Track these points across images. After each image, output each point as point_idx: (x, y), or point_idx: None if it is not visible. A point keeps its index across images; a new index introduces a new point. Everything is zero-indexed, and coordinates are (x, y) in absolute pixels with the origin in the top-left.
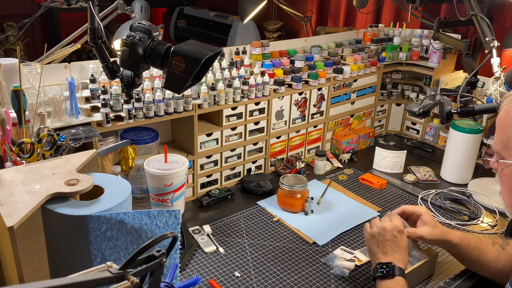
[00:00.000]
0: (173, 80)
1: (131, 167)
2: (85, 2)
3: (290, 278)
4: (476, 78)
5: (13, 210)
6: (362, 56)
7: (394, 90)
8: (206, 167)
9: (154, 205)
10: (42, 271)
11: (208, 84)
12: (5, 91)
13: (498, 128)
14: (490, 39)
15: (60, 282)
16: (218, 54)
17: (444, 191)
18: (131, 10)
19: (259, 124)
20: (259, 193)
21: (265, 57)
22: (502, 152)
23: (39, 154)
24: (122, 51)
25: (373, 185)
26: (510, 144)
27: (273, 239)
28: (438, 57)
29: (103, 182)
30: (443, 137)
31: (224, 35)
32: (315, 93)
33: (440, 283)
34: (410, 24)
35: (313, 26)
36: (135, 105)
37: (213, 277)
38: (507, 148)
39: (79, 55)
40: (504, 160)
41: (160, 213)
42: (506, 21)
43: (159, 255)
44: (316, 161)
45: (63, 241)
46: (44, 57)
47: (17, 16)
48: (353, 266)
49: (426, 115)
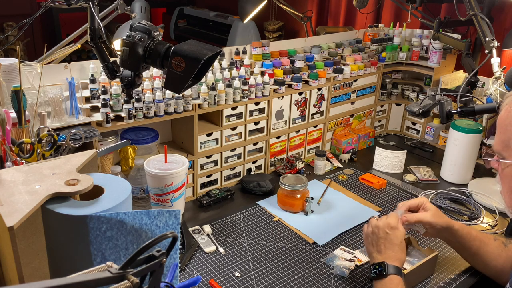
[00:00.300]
0: (173, 80)
1: (131, 167)
2: (85, 2)
3: (290, 278)
4: (476, 78)
5: (13, 210)
6: (362, 56)
7: (394, 90)
8: (206, 167)
9: (154, 205)
10: (42, 271)
11: (208, 84)
12: (5, 91)
13: (499, 127)
14: (490, 39)
15: (60, 282)
16: (218, 54)
17: (444, 191)
18: (131, 10)
19: (259, 124)
20: (259, 193)
21: (265, 57)
22: (502, 152)
23: (39, 154)
24: (122, 51)
25: (373, 185)
26: (511, 144)
27: (273, 239)
28: (438, 57)
29: (103, 182)
30: (443, 137)
31: (224, 35)
32: (315, 93)
33: (440, 283)
34: (410, 24)
35: (313, 26)
36: (135, 105)
37: (213, 277)
38: (508, 148)
39: (79, 55)
40: (504, 160)
41: (160, 213)
42: (506, 21)
43: (159, 255)
44: (316, 161)
45: (63, 241)
46: (44, 57)
47: (17, 16)
48: (353, 266)
49: (426, 115)
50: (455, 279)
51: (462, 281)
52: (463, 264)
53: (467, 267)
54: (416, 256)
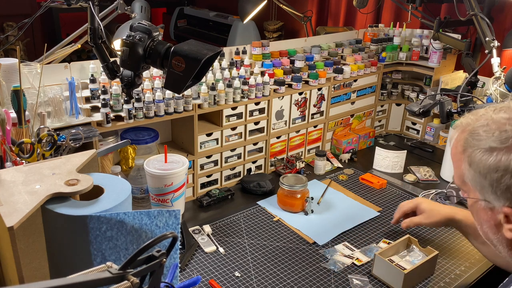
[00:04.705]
0: (173, 80)
1: (131, 167)
2: (85, 2)
3: (290, 278)
4: (476, 78)
5: (13, 210)
6: (362, 56)
7: (394, 90)
8: (206, 167)
9: (154, 205)
10: (42, 271)
11: (208, 84)
12: (5, 91)
13: (453, 163)
14: (490, 39)
15: (60, 282)
16: (218, 54)
17: (444, 191)
18: (131, 10)
19: (259, 124)
20: (259, 193)
21: (265, 57)
22: (462, 187)
23: (39, 154)
24: (122, 51)
25: (373, 185)
26: (466, 180)
27: (273, 239)
28: (438, 57)
29: (103, 182)
30: (443, 137)
31: (224, 35)
32: (315, 93)
33: (440, 283)
34: (410, 24)
35: (313, 26)
36: (135, 105)
37: (213, 277)
38: (465, 184)
39: (79, 55)
40: (466, 195)
41: (160, 213)
42: (506, 21)
43: (159, 255)
44: (316, 161)
45: (63, 241)
46: (44, 57)
47: (17, 16)
48: (349, 262)
49: (426, 115)
50: (455, 279)
51: (462, 281)
52: (463, 264)
53: (467, 267)
54: (416, 256)
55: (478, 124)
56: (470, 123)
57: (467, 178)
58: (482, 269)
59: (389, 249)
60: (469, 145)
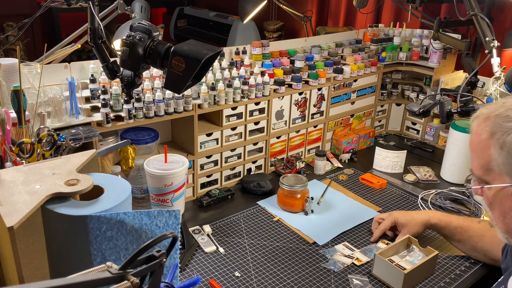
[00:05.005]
0: (173, 80)
1: (131, 167)
2: (85, 2)
3: (290, 278)
4: (476, 78)
5: (13, 210)
6: (362, 56)
7: (394, 90)
8: (206, 167)
9: (154, 205)
10: (42, 271)
11: (208, 84)
12: (5, 91)
13: (474, 153)
14: (490, 39)
15: (60, 282)
16: (218, 54)
17: (444, 191)
18: (131, 10)
19: (259, 124)
20: (259, 193)
21: (265, 57)
22: (484, 177)
23: (39, 154)
24: (122, 51)
25: (373, 185)
26: (492, 167)
27: (273, 239)
28: (438, 57)
29: (103, 182)
30: (443, 137)
31: (224, 35)
32: (315, 93)
33: (440, 283)
34: (410, 24)
35: (313, 26)
36: (135, 105)
37: (213, 277)
38: (490, 171)
39: (79, 55)
40: (489, 185)
41: (160, 213)
42: (506, 21)
43: (159, 255)
44: (316, 161)
45: (63, 241)
46: (44, 57)
47: (17, 16)
48: (349, 262)
49: (426, 115)
50: (455, 279)
51: (462, 281)
52: (463, 264)
53: (467, 267)
54: (416, 256)
55: (503, 109)
56: (493, 111)
57: (496, 163)
58: (482, 269)
59: (389, 249)
60: (499, 128)
